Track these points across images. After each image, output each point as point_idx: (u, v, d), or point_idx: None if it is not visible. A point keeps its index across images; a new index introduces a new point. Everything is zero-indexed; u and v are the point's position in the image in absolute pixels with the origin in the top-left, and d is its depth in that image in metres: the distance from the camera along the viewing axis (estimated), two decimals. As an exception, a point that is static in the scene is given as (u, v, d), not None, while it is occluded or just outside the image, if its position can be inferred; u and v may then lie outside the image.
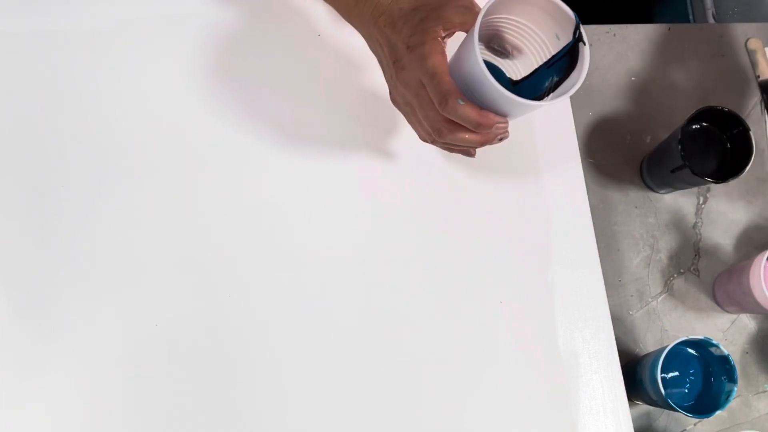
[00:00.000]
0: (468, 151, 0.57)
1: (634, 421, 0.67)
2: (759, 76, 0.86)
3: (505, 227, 0.67)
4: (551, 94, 0.53)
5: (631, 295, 0.79)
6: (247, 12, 0.70)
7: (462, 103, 0.49)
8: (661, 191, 0.82)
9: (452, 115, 0.50)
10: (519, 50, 0.55)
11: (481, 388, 0.63)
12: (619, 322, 0.77)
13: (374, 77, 0.63)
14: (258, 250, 0.64)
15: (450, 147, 0.57)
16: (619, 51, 0.86)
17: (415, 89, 0.52)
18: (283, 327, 0.62)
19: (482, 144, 0.54)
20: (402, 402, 0.62)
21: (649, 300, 0.79)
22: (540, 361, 0.65)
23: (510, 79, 0.57)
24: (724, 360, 0.70)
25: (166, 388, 0.59)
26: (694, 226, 0.81)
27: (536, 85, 0.54)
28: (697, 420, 0.75)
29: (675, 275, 0.80)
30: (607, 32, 0.86)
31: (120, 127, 0.66)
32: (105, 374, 0.59)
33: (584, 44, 0.50)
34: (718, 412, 0.68)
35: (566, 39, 0.51)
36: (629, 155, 0.83)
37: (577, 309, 0.66)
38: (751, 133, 0.74)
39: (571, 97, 0.72)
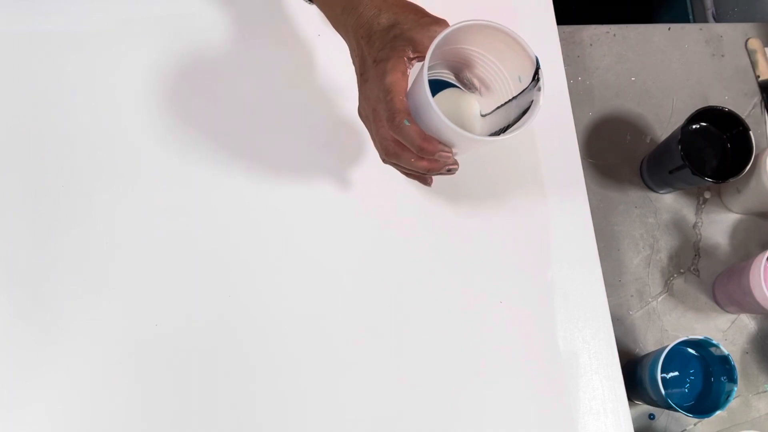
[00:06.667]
0: (423, 179, 0.57)
1: (634, 421, 0.67)
2: (759, 76, 0.86)
3: (505, 227, 0.67)
4: (502, 134, 0.53)
5: (631, 295, 0.79)
6: (247, 12, 0.70)
7: (408, 123, 0.49)
8: (661, 191, 0.82)
9: (397, 134, 0.50)
10: (487, 87, 0.56)
11: (481, 388, 0.63)
12: (619, 322, 0.77)
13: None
14: (257, 250, 0.64)
15: (403, 170, 0.56)
16: (619, 51, 0.86)
17: (373, 103, 0.52)
18: (282, 326, 0.62)
19: (428, 171, 0.53)
20: (402, 402, 0.62)
21: (649, 300, 0.79)
22: (540, 361, 0.65)
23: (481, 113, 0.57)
24: (724, 360, 0.69)
25: (166, 388, 0.60)
26: (694, 226, 0.81)
27: (494, 125, 0.54)
28: (697, 420, 0.75)
29: (675, 275, 0.80)
30: (607, 32, 0.86)
31: (120, 127, 0.66)
32: (105, 374, 0.59)
33: (539, 90, 0.50)
34: (718, 412, 0.68)
35: (527, 82, 0.51)
36: (629, 155, 0.83)
37: (577, 309, 0.66)
38: (751, 133, 0.74)
39: (571, 97, 0.72)
